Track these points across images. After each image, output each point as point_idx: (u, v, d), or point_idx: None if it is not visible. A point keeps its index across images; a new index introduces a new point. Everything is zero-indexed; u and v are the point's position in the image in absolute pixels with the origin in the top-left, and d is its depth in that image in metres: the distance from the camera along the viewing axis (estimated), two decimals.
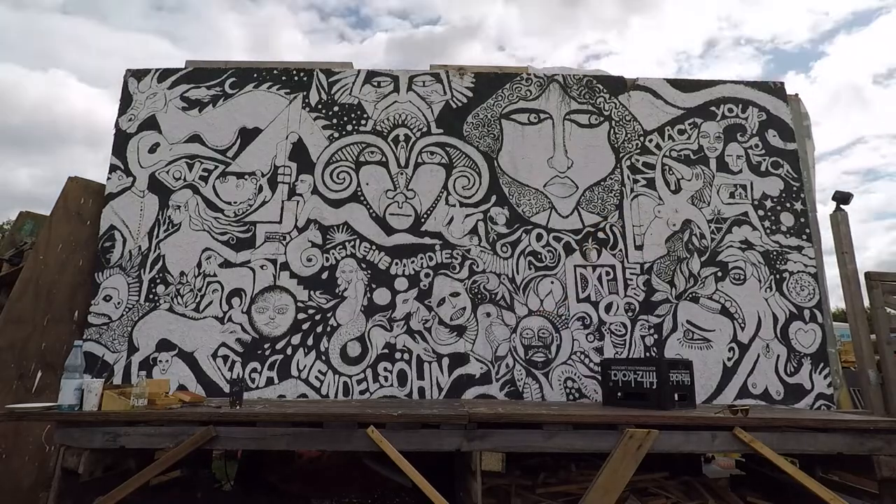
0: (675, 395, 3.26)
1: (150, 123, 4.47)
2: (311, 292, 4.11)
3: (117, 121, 4.48)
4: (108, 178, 4.35)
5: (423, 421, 2.74)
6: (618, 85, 4.70)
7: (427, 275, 4.18)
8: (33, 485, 3.52)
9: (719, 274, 4.27)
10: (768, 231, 4.37)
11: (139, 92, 4.55)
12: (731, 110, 4.65)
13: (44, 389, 3.76)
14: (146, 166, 4.37)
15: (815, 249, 4.36)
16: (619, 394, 3.45)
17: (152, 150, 4.42)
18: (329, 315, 4.07)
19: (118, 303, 4.05)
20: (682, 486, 3.40)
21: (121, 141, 4.43)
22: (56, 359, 3.86)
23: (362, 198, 4.33)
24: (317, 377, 3.94)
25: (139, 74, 4.61)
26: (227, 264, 4.16)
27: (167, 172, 4.36)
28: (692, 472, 3.71)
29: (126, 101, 4.53)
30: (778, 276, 4.27)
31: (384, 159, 4.43)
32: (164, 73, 4.61)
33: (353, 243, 4.23)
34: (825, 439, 2.80)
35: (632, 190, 4.43)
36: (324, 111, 4.52)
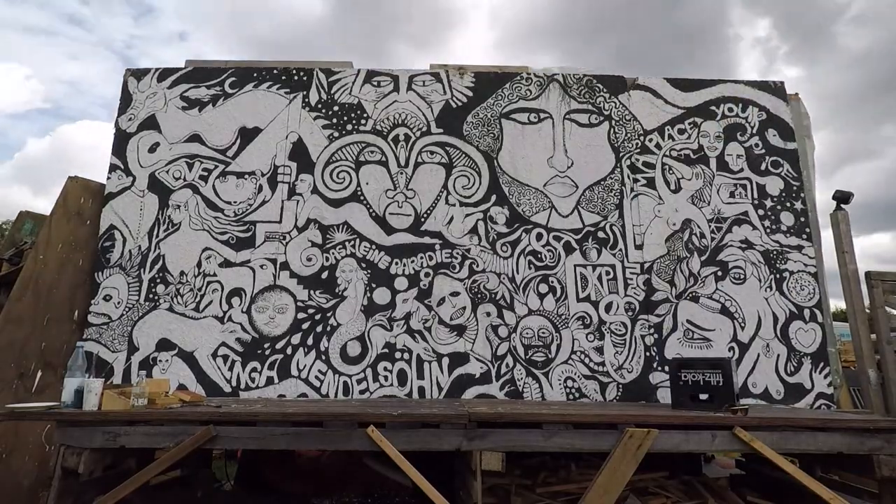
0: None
1: (150, 123, 4.47)
2: (311, 292, 4.11)
3: (117, 120, 4.48)
4: (108, 178, 4.35)
5: (423, 420, 2.74)
6: (618, 84, 4.70)
7: (427, 274, 4.18)
8: (33, 484, 3.52)
9: (719, 273, 4.27)
10: (768, 230, 4.37)
11: (139, 91, 4.55)
12: (731, 110, 4.65)
13: (44, 389, 3.76)
14: (146, 166, 4.37)
15: (815, 249, 4.36)
16: (692, 395, 3.25)
17: (152, 149, 4.42)
18: (329, 315, 4.07)
19: (118, 302, 4.05)
20: (682, 486, 3.40)
21: (120, 140, 4.43)
22: (56, 358, 3.86)
23: (362, 197, 4.33)
24: (317, 377, 3.94)
25: (139, 74, 4.61)
26: (226, 264, 4.16)
27: (167, 172, 4.36)
28: (692, 472, 3.72)
29: (126, 100, 4.53)
30: (778, 276, 4.27)
31: (384, 159, 4.43)
32: (164, 73, 4.61)
33: (352, 243, 4.23)
34: (825, 439, 2.80)
35: (632, 189, 4.43)
36: (324, 111, 4.52)
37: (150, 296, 4.08)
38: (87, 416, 2.65)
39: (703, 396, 3.20)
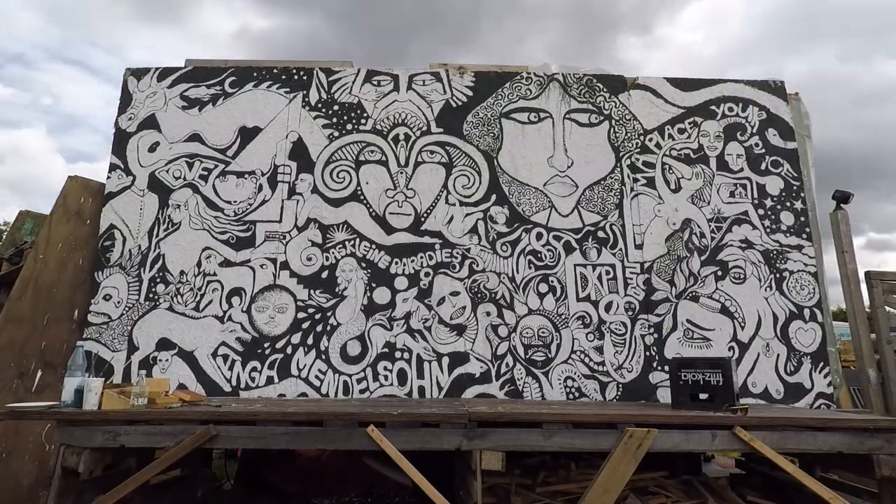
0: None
1: (150, 122, 4.47)
2: (311, 291, 4.11)
3: (117, 119, 4.48)
4: (108, 177, 4.35)
5: (422, 420, 2.74)
6: (618, 84, 4.70)
7: (427, 274, 4.17)
8: (33, 484, 3.52)
9: (719, 273, 4.27)
10: (768, 230, 4.37)
11: (139, 91, 4.55)
12: (731, 109, 4.65)
13: (44, 388, 3.76)
14: (146, 165, 4.37)
15: (815, 248, 4.36)
16: (692, 394, 3.23)
17: (152, 149, 4.42)
18: (329, 314, 4.07)
19: (118, 302, 4.05)
20: (682, 485, 3.40)
21: (120, 140, 4.43)
22: (56, 358, 3.86)
23: (362, 197, 4.33)
24: (317, 376, 3.94)
25: (139, 73, 4.60)
26: (226, 263, 4.16)
27: (167, 171, 4.36)
28: (692, 471, 3.72)
29: (126, 99, 4.53)
30: (778, 276, 4.27)
31: (384, 158, 4.42)
32: (164, 72, 4.60)
33: (352, 242, 4.23)
34: (825, 438, 2.80)
35: (632, 189, 4.43)
36: (324, 110, 4.52)
37: (150, 295, 4.08)
38: (88, 416, 2.65)
39: (703, 396, 3.20)
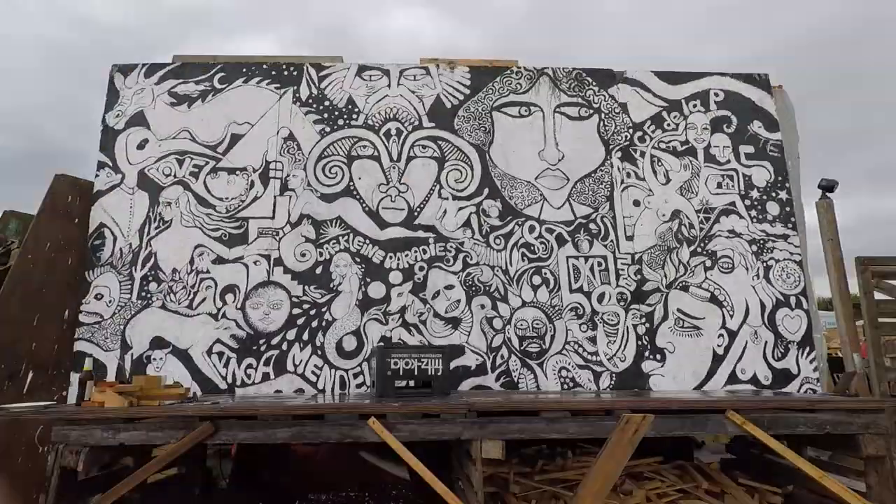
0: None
1: (138, 119, 4.41)
2: (306, 287, 4.10)
3: (104, 116, 4.41)
4: (97, 176, 4.29)
5: (423, 411, 2.77)
6: (606, 77, 4.75)
7: (421, 268, 4.19)
8: (26, 486, 3.48)
9: (708, 263, 4.35)
10: (755, 220, 4.45)
11: (126, 87, 4.49)
12: (717, 102, 4.73)
13: (36, 390, 3.71)
14: (135, 163, 4.32)
15: (800, 238, 4.46)
16: (406, 382, 3.20)
17: (141, 146, 4.36)
18: (324, 310, 4.07)
19: (110, 301, 4.01)
20: (676, 470, 3.47)
21: (108, 137, 4.37)
22: (48, 358, 3.80)
23: (355, 192, 4.33)
24: (313, 372, 3.94)
25: (125, 69, 4.54)
26: (219, 260, 4.13)
27: (157, 169, 4.31)
28: (685, 457, 3.79)
29: (113, 96, 4.47)
30: (765, 264, 4.36)
31: (376, 153, 4.43)
32: (152, 69, 4.55)
33: (346, 238, 4.23)
34: (814, 420, 2.89)
35: (622, 181, 4.49)
36: (315, 106, 4.50)
37: (143, 294, 4.04)
38: (86, 414, 2.63)
39: (411, 383, 3.21)
